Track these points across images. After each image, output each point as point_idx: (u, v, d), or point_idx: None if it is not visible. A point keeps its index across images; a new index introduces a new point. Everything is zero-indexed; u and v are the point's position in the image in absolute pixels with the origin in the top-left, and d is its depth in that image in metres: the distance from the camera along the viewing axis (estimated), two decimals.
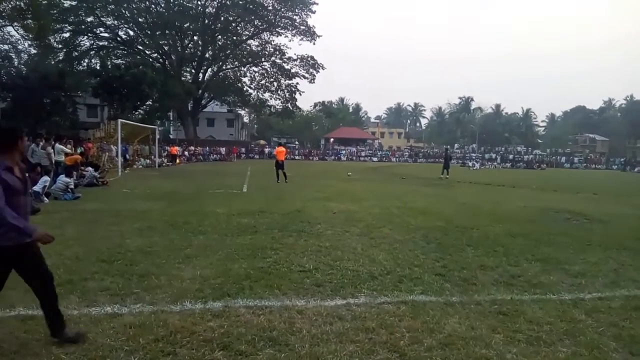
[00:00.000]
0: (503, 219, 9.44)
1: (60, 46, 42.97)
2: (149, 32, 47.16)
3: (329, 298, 4.33)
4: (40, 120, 29.42)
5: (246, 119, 79.40)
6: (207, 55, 52.02)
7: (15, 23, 28.63)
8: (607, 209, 11.83)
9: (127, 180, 17.75)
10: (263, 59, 53.69)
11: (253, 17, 50.63)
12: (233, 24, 51.87)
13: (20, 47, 32.48)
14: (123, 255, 5.64)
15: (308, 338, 3.41)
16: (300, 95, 54.65)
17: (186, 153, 42.03)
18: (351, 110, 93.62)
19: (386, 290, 4.60)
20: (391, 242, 6.84)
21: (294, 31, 51.38)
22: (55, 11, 37.94)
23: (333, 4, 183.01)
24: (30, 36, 30.13)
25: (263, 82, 54.62)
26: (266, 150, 56.04)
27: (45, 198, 10.80)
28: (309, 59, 52.51)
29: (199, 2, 48.98)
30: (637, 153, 70.52)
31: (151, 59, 47.87)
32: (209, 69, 53.77)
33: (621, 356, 3.32)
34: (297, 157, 56.27)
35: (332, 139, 68.83)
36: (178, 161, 35.00)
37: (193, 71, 52.73)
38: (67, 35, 44.08)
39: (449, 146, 58.70)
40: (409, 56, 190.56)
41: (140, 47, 48.98)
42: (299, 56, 52.60)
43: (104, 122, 30.74)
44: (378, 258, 5.84)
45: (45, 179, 11.00)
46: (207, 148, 48.76)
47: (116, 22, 46.65)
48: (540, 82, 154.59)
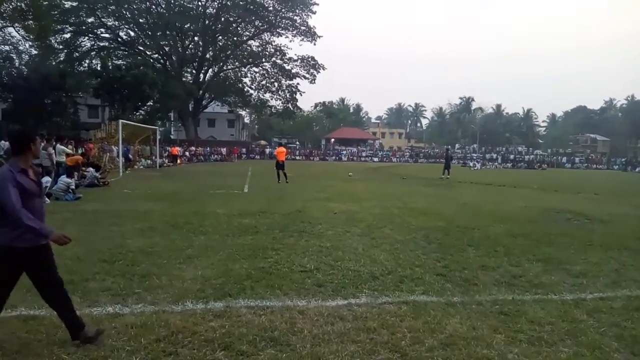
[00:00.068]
0: (504, 219, 9.43)
1: (61, 47, 43.06)
2: (150, 33, 47.21)
3: (330, 298, 4.33)
4: (41, 120, 29.46)
5: (247, 120, 79.45)
6: (208, 55, 52.08)
7: (16, 24, 28.69)
8: (608, 209, 11.81)
9: (128, 180, 17.77)
10: (264, 60, 53.75)
11: (253, 18, 50.69)
12: (234, 25, 51.91)
13: (21, 48, 32.64)
14: (124, 255, 5.65)
15: (309, 338, 3.41)
16: (300, 95, 54.84)
17: (187, 153, 42.08)
18: (352, 110, 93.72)
19: (387, 290, 4.60)
20: (392, 243, 6.84)
21: (295, 32, 51.51)
22: (56, 12, 37.95)
23: (333, 4, 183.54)
24: (31, 37, 30.17)
25: (264, 83, 54.78)
26: (267, 150, 56.06)
27: (46, 199, 10.78)
28: (310, 60, 52.58)
29: (200, 3, 49.09)
30: (638, 153, 70.47)
31: (152, 60, 47.96)
32: (210, 70, 53.88)
33: (623, 356, 3.32)
34: (298, 158, 56.34)
35: (333, 139, 68.86)
36: (179, 161, 35.06)
37: (194, 72, 52.79)
38: (68, 36, 44.19)
39: (450, 146, 58.62)
40: (410, 56, 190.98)
41: (141, 48, 49.04)
42: (300, 57, 52.76)
43: (105, 123, 30.73)
44: (379, 258, 5.84)
45: (46, 180, 11.01)
46: (208, 148, 48.86)
47: (117, 23, 46.75)
48: (541, 82, 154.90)
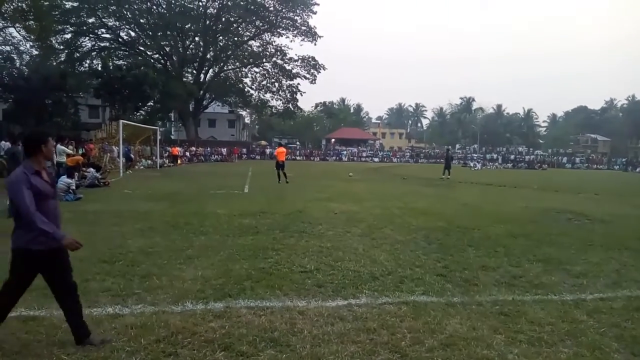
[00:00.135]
0: (504, 220, 9.42)
1: (62, 47, 43.08)
2: (151, 33, 47.24)
3: (330, 299, 4.33)
4: (41, 121, 29.43)
5: (247, 120, 79.44)
6: (209, 56, 52.09)
7: (17, 24, 28.64)
8: (609, 209, 11.80)
9: (129, 181, 17.78)
10: (264, 60, 53.74)
11: (254, 18, 50.68)
12: (234, 25, 51.91)
13: (22, 48, 32.58)
14: (124, 256, 5.65)
15: (309, 339, 3.41)
16: (301, 95, 54.82)
17: (187, 154, 42.11)
18: (352, 110, 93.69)
19: (387, 290, 4.60)
20: (392, 243, 6.83)
21: (295, 32, 51.49)
22: (57, 12, 37.97)
23: (333, 4, 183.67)
24: (32, 37, 30.13)
25: (264, 83, 54.74)
26: (267, 150, 56.03)
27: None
28: (310, 60, 52.57)
29: (200, 3, 49.09)
30: (639, 153, 70.35)
31: (152, 60, 47.98)
32: (210, 70, 53.90)
33: (623, 357, 3.31)
34: (299, 158, 56.36)
35: (333, 140, 68.86)
36: (179, 162, 35.08)
37: (194, 72, 52.80)
38: (69, 36, 44.20)
39: (450, 147, 58.57)
40: (410, 56, 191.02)
41: (141, 48, 49.06)
42: (300, 57, 52.74)
43: (106, 123, 30.75)
44: (379, 259, 5.84)
45: None
46: (209, 149, 48.87)
47: (118, 23, 46.77)
48: (541, 83, 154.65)
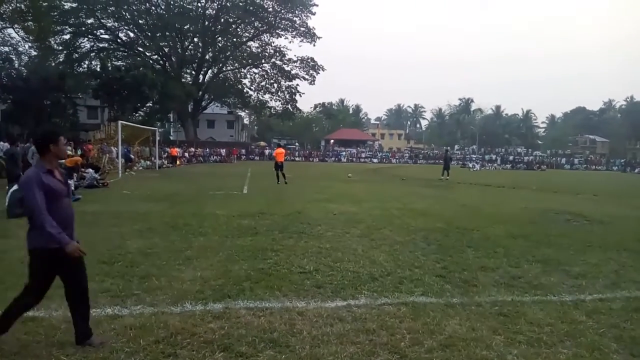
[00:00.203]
0: (503, 220, 9.42)
1: (60, 48, 43.00)
2: (149, 34, 47.20)
3: (330, 299, 4.33)
4: (40, 121, 29.39)
5: (246, 121, 79.43)
6: (207, 56, 52.08)
7: (15, 25, 28.67)
8: (608, 210, 11.81)
9: (128, 181, 17.76)
10: (263, 61, 53.76)
11: (253, 19, 50.68)
12: (233, 26, 51.90)
13: (20, 49, 32.52)
14: (123, 256, 5.64)
15: (308, 339, 3.40)
16: (300, 96, 54.78)
17: (186, 154, 42.05)
18: (351, 111, 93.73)
19: (387, 291, 4.60)
20: (391, 244, 6.83)
21: (294, 33, 51.47)
22: (55, 13, 37.88)
23: (333, 5, 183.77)
24: (30, 38, 30.15)
25: (263, 84, 54.74)
26: (266, 151, 55.99)
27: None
28: (309, 61, 52.57)
29: (199, 4, 49.06)
30: (638, 154, 70.51)
31: (151, 61, 47.93)
32: (209, 71, 53.84)
33: (622, 357, 3.31)
34: (298, 159, 56.35)
35: (332, 141, 68.88)
36: (178, 162, 35.03)
37: (193, 73, 52.78)
38: (68, 37, 44.12)
39: (449, 147, 58.59)
40: (409, 57, 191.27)
41: (140, 49, 49.01)
42: (299, 57, 52.73)
43: (105, 124, 30.75)
44: (378, 259, 5.83)
45: None
46: (208, 149, 48.82)
47: (116, 24, 46.71)
48: (540, 84, 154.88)
